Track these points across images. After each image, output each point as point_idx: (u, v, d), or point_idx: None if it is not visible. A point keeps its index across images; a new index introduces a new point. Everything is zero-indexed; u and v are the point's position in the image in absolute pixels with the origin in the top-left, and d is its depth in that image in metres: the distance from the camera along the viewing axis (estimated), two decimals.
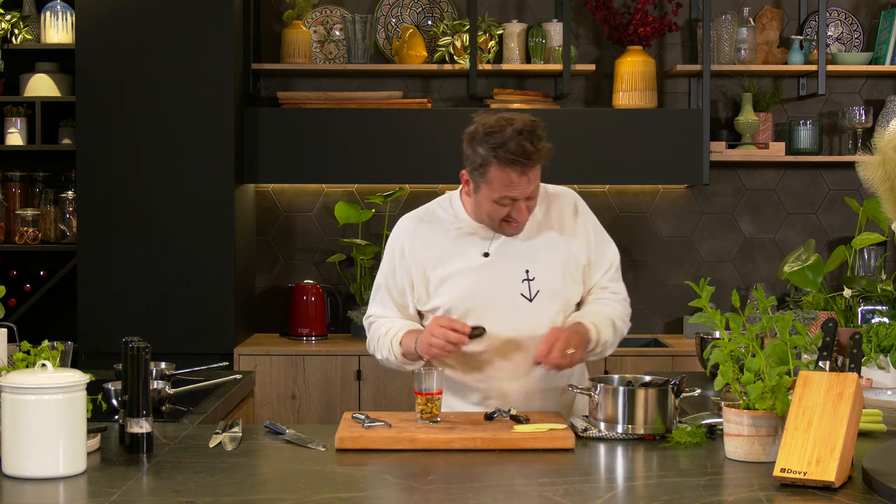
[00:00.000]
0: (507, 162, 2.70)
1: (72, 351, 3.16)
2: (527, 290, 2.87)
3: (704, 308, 2.43)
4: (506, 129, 2.70)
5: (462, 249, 2.89)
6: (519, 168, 2.71)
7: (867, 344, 3.09)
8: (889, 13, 5.04)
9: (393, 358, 2.90)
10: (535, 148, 2.71)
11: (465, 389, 2.92)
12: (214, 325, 4.61)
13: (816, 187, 5.20)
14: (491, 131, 2.72)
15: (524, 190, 2.75)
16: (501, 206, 2.78)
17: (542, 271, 2.88)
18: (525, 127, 2.71)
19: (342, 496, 2.08)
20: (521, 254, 2.88)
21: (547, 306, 2.87)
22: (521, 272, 2.87)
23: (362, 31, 4.90)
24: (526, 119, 2.75)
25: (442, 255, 2.90)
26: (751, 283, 5.16)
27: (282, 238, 5.15)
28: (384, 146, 4.82)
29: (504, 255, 2.88)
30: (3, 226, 4.93)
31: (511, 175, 2.72)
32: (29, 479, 2.17)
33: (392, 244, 2.97)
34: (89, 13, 4.58)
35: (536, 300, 2.87)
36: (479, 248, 2.89)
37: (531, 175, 2.75)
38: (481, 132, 2.75)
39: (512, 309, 2.85)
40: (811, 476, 2.06)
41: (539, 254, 2.89)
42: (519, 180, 2.73)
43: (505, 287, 2.86)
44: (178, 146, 4.59)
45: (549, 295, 2.87)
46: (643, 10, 4.90)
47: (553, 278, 2.88)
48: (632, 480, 2.30)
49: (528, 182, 2.75)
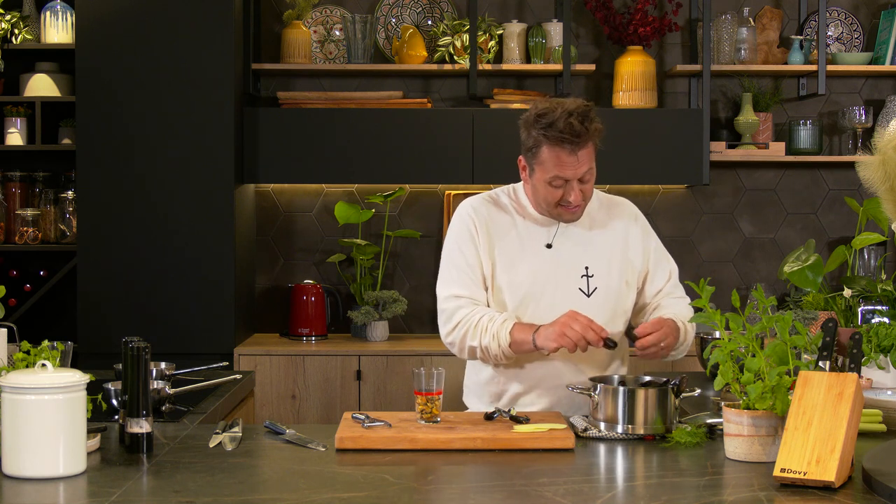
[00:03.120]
0: (557, 141, 2.78)
1: (72, 351, 3.16)
2: (585, 285, 2.92)
3: (704, 308, 2.44)
4: (556, 110, 2.79)
5: (526, 236, 2.95)
6: (568, 147, 2.78)
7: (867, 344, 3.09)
8: (889, 13, 5.04)
9: (496, 346, 2.85)
10: (584, 127, 2.78)
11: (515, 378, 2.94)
12: (214, 325, 4.61)
13: (816, 187, 5.20)
14: (543, 113, 2.81)
15: (575, 170, 2.81)
16: (554, 187, 2.84)
17: (601, 269, 2.94)
18: (576, 108, 2.80)
19: (342, 496, 2.08)
20: (583, 250, 2.94)
21: (603, 304, 2.93)
22: (580, 268, 2.93)
23: (362, 31, 4.90)
24: (578, 102, 2.84)
25: (508, 238, 2.94)
26: (751, 283, 5.16)
27: (282, 238, 5.15)
28: (384, 146, 4.82)
29: (566, 249, 2.94)
30: (3, 226, 4.93)
31: (561, 154, 2.79)
32: (29, 479, 2.17)
33: (461, 224, 2.98)
34: (89, 13, 4.58)
35: (594, 296, 2.92)
36: (542, 238, 2.94)
37: (581, 155, 2.81)
38: (533, 115, 2.83)
39: (570, 302, 2.89)
40: (811, 476, 2.06)
41: (599, 253, 2.95)
42: (569, 159, 2.79)
43: (565, 280, 2.92)
44: (178, 146, 4.59)
45: (606, 293, 2.93)
46: (643, 10, 4.90)
47: (610, 278, 2.94)
48: (632, 480, 2.30)
49: (579, 162, 2.81)
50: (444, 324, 2.95)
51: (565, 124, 2.76)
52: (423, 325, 5.15)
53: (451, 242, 2.99)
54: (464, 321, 2.90)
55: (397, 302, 4.89)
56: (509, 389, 2.97)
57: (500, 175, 4.78)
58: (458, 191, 5.05)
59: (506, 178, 4.50)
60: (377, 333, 4.86)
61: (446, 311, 2.94)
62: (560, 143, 2.78)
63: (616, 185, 5.04)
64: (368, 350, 4.67)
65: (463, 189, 5.04)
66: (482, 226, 2.95)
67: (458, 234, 2.98)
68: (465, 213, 2.99)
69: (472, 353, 2.92)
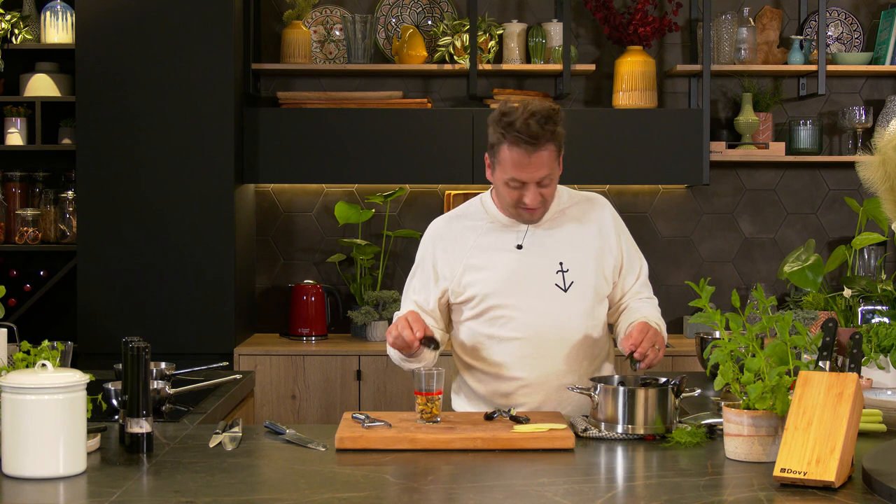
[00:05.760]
0: (514, 141, 2.75)
1: (72, 351, 3.16)
2: (561, 280, 2.91)
3: (704, 308, 2.44)
4: (517, 111, 2.76)
5: (495, 241, 2.94)
6: (525, 148, 2.75)
7: (867, 344, 3.09)
8: (889, 13, 5.04)
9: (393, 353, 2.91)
10: (542, 129, 2.74)
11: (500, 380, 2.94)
12: (214, 325, 4.61)
13: (816, 187, 5.20)
14: (506, 112, 2.78)
15: (531, 173, 2.78)
16: (512, 188, 2.82)
17: (576, 264, 2.92)
18: (539, 110, 2.75)
19: (342, 496, 2.08)
20: (555, 246, 2.93)
21: (581, 297, 2.92)
22: (555, 264, 2.92)
23: (362, 31, 4.90)
24: (545, 104, 2.79)
25: (475, 247, 2.94)
26: (751, 283, 5.16)
27: (282, 238, 5.15)
28: (384, 146, 4.82)
29: (538, 248, 2.92)
30: (3, 226, 4.93)
31: (517, 155, 2.76)
32: (29, 479, 2.17)
33: (423, 248, 3.01)
34: (89, 13, 4.58)
35: (571, 291, 2.91)
36: (511, 241, 2.93)
37: (538, 157, 2.77)
38: (498, 113, 2.80)
39: (547, 298, 2.89)
40: (811, 476, 2.06)
41: (573, 247, 2.94)
42: (526, 161, 2.76)
43: (539, 277, 2.91)
44: (179, 146, 4.59)
45: (583, 287, 2.92)
46: (643, 10, 4.90)
47: (586, 272, 2.93)
48: (632, 480, 2.30)
49: (535, 165, 2.77)
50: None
51: (523, 124, 2.73)
52: None
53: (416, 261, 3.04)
54: None
55: (397, 302, 4.89)
56: (509, 387, 2.96)
57: None
58: (458, 191, 5.05)
59: None
60: (377, 333, 4.86)
61: None
62: (517, 143, 2.75)
63: (616, 184, 5.05)
64: (368, 350, 4.67)
65: (463, 189, 5.04)
66: (442, 244, 2.97)
67: (417, 259, 3.03)
68: (427, 235, 3.03)
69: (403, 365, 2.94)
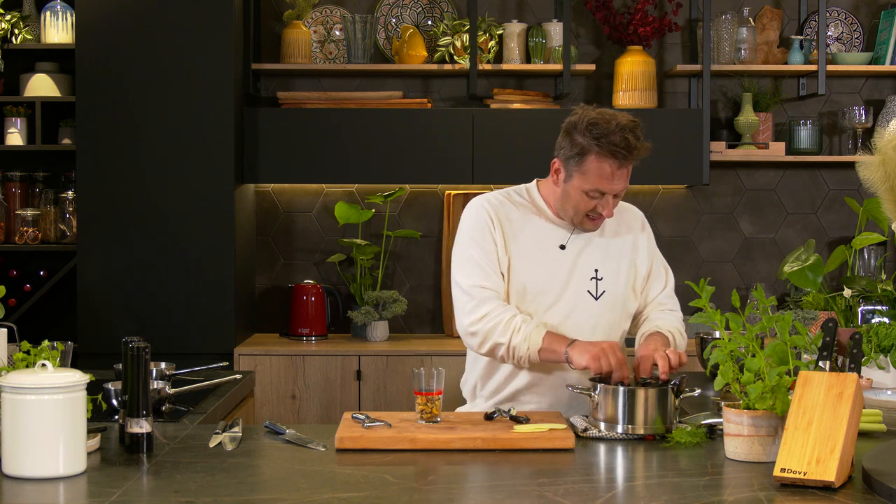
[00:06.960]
0: (609, 153, 2.79)
1: (72, 351, 3.16)
2: (594, 288, 2.95)
3: (704, 308, 2.44)
4: (610, 123, 2.80)
5: (540, 235, 2.95)
6: (618, 161, 2.80)
7: (867, 344, 3.09)
8: (889, 13, 5.04)
9: (525, 348, 2.80)
10: (638, 143, 2.80)
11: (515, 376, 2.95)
12: (214, 325, 4.61)
13: (816, 187, 5.20)
14: (595, 122, 2.81)
15: (616, 185, 2.84)
16: (590, 198, 2.85)
17: (610, 274, 2.97)
18: (628, 124, 2.81)
19: (342, 496, 2.08)
20: (594, 253, 2.97)
21: (610, 308, 2.95)
22: (590, 270, 2.95)
23: (362, 31, 4.90)
24: (628, 117, 2.85)
25: (523, 234, 2.94)
26: (751, 283, 5.16)
27: (282, 238, 5.15)
28: (384, 146, 4.82)
29: (578, 251, 2.95)
30: (3, 226, 4.93)
31: (607, 167, 2.80)
32: (29, 479, 2.17)
33: (477, 216, 2.94)
34: (89, 13, 4.58)
35: (602, 300, 2.95)
36: (556, 239, 2.95)
37: (624, 171, 2.83)
38: (584, 122, 2.82)
39: (578, 303, 2.92)
40: (811, 476, 2.06)
41: (609, 257, 2.98)
42: (614, 174, 2.81)
43: (576, 282, 2.93)
44: (179, 146, 4.59)
45: (613, 297, 2.96)
46: (643, 10, 4.90)
47: (618, 284, 2.97)
48: (632, 480, 2.30)
49: (621, 178, 2.84)
50: (470, 312, 2.87)
51: (621, 138, 2.78)
52: (423, 325, 5.15)
53: (466, 236, 2.94)
54: (493, 315, 2.84)
55: (397, 302, 4.89)
56: (509, 387, 2.96)
57: (500, 175, 4.79)
58: (458, 191, 5.05)
59: (506, 178, 4.52)
60: (377, 333, 4.86)
61: (474, 299, 2.86)
62: (612, 155, 2.79)
63: None
64: (368, 350, 4.67)
65: (463, 189, 5.04)
66: (497, 218, 2.93)
67: (474, 226, 2.94)
68: (479, 205, 2.96)
69: (493, 348, 2.85)
